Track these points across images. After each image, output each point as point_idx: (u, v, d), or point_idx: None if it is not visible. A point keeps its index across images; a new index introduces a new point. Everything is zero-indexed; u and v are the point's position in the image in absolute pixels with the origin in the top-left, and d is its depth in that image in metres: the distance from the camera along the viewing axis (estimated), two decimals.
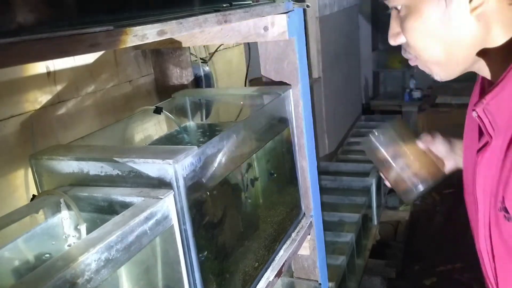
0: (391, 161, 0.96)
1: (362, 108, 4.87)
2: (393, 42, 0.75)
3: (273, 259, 1.05)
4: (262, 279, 0.99)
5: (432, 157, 0.96)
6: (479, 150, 0.72)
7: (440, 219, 3.30)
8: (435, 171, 0.95)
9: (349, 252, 2.34)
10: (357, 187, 2.92)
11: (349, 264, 2.33)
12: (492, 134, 0.68)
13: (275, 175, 1.14)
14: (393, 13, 0.75)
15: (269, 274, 1.01)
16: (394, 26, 0.74)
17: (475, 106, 0.69)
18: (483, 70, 0.72)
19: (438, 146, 0.96)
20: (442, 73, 0.73)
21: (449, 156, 0.97)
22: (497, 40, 0.67)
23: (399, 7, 0.72)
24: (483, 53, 0.69)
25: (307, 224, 1.22)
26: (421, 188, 0.95)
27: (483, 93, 0.73)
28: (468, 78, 0.85)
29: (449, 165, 0.98)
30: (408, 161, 0.95)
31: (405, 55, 0.76)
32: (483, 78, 0.77)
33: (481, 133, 0.74)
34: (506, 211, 0.65)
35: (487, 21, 0.65)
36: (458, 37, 0.67)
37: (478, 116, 0.69)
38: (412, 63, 0.76)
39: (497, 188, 0.67)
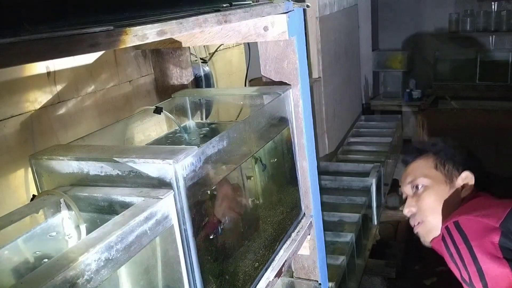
0: None
1: (362, 108, 4.87)
2: (407, 213, 1.28)
3: (273, 259, 1.05)
4: (262, 279, 0.99)
5: None
6: None
7: None
8: None
9: (349, 252, 2.34)
10: (357, 187, 2.91)
11: (349, 264, 2.32)
12: None
13: (275, 159, 1.14)
14: (410, 192, 1.29)
15: (269, 274, 1.01)
16: (411, 203, 1.27)
17: None
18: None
19: None
20: (429, 237, 1.24)
21: None
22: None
23: (420, 186, 1.25)
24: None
25: (307, 224, 1.22)
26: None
27: None
28: (468, 78, 0.85)
29: None
30: None
31: (407, 214, 1.30)
32: None
33: None
34: None
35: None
36: (452, 204, 1.20)
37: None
38: (416, 228, 1.27)
39: None
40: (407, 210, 1.25)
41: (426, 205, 1.22)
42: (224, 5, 1.00)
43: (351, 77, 4.47)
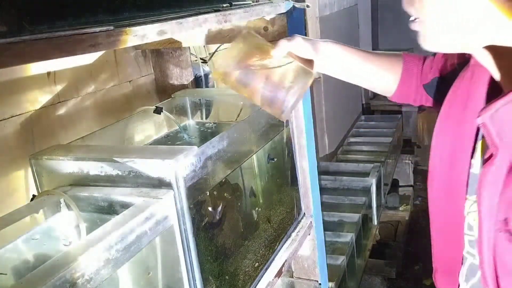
0: (251, 82, 0.82)
1: (362, 108, 4.87)
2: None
3: (273, 259, 1.05)
4: (262, 279, 0.99)
5: (296, 61, 0.85)
6: (485, 162, 0.64)
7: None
8: (301, 76, 0.83)
9: (349, 252, 2.34)
10: (357, 187, 2.91)
11: (349, 264, 2.32)
12: (498, 146, 0.60)
13: (275, 159, 1.13)
14: None
15: (269, 274, 1.01)
16: None
17: (482, 111, 0.60)
18: (490, 66, 0.65)
19: (299, 48, 0.86)
20: (430, 42, 0.64)
21: (313, 56, 0.88)
22: None
23: None
24: (495, 49, 0.61)
25: (307, 224, 1.22)
26: (291, 100, 0.82)
27: (489, 96, 0.67)
28: None
29: (318, 65, 0.90)
30: (267, 75, 0.82)
31: (407, 8, 0.67)
32: (488, 77, 0.69)
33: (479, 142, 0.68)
34: (510, 233, 0.60)
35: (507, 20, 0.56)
36: (472, 21, 0.59)
37: (484, 123, 0.61)
38: (412, 25, 0.66)
39: (498, 207, 0.61)
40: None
41: None
42: (224, 5, 1.00)
43: None
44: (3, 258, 0.70)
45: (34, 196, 0.80)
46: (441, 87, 0.85)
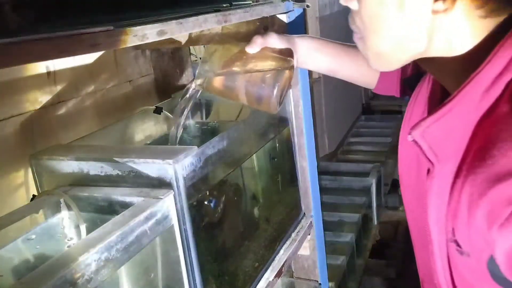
0: (235, 84, 0.84)
1: (362, 108, 4.87)
2: (343, 1, 0.66)
3: (273, 259, 1.05)
4: (262, 279, 0.99)
5: (272, 57, 0.85)
6: (428, 174, 0.63)
7: None
8: (280, 67, 0.84)
9: (349, 252, 2.34)
10: (357, 187, 2.91)
11: (349, 264, 2.32)
12: (434, 161, 0.60)
13: (275, 159, 1.14)
14: None
15: (269, 274, 1.01)
16: None
17: (412, 128, 0.60)
18: (436, 75, 0.66)
19: (274, 45, 0.87)
20: (378, 64, 0.67)
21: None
22: (456, 49, 0.59)
23: None
24: (437, 59, 0.62)
25: (307, 224, 1.22)
26: (275, 93, 0.83)
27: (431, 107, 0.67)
28: None
29: (298, 61, 0.92)
30: (249, 75, 0.83)
31: (351, 25, 0.67)
32: (435, 82, 0.69)
33: None
34: (457, 244, 0.59)
35: (448, 28, 0.58)
36: (408, 35, 0.59)
37: (414, 140, 0.60)
38: (355, 39, 0.67)
39: (446, 218, 0.60)
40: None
41: (366, 12, 0.62)
42: (224, 5, 1.00)
43: None
44: (3, 258, 0.70)
45: (34, 196, 0.80)
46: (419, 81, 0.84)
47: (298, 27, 1.14)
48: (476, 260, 0.57)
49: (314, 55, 0.95)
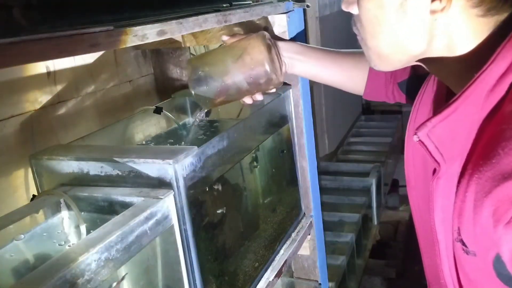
0: (236, 85, 0.88)
1: (362, 108, 4.87)
2: (344, 7, 0.69)
3: (273, 259, 1.05)
4: (262, 279, 0.99)
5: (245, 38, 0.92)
6: (433, 174, 0.64)
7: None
8: (258, 44, 0.89)
9: (349, 252, 2.34)
10: (357, 187, 2.91)
11: (349, 264, 2.32)
12: (440, 161, 0.60)
13: (284, 151, 1.14)
14: None
15: (269, 274, 1.01)
16: None
17: (418, 129, 0.60)
18: (439, 76, 0.67)
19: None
20: (381, 65, 0.69)
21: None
22: (457, 49, 0.60)
23: None
24: (439, 60, 0.62)
25: (307, 224, 1.22)
26: (269, 67, 0.88)
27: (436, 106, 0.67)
28: None
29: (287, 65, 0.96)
30: (239, 67, 0.88)
31: (353, 29, 0.70)
32: (440, 82, 0.70)
33: None
34: (463, 243, 0.59)
35: (447, 29, 0.59)
36: (408, 36, 0.61)
37: (420, 141, 0.60)
38: (359, 40, 0.70)
39: (452, 217, 0.60)
40: (343, 5, 0.70)
41: (364, 17, 0.65)
42: (224, 5, 1.00)
43: None
44: (3, 258, 0.70)
45: (34, 196, 0.80)
46: (416, 84, 0.83)
47: (298, 27, 1.14)
48: (482, 259, 0.57)
49: (297, 58, 0.97)
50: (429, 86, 0.75)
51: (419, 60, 0.66)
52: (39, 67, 0.96)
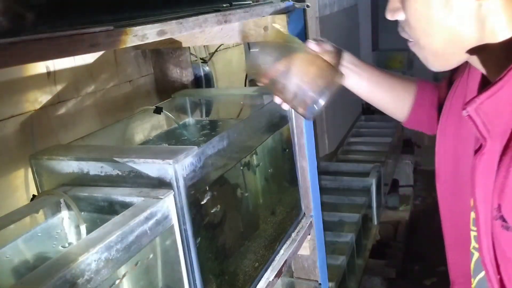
0: (281, 78, 0.83)
1: (362, 108, 4.87)
2: (390, 16, 0.71)
3: (273, 259, 1.05)
4: (262, 279, 0.99)
5: (324, 64, 0.84)
6: (476, 153, 0.65)
7: (440, 219, 3.30)
8: (330, 80, 0.83)
9: (349, 252, 2.33)
10: (357, 187, 2.91)
11: (349, 264, 2.32)
12: (486, 136, 0.62)
13: (287, 150, 1.14)
14: None
15: (269, 274, 1.01)
16: (394, 0, 0.70)
17: (467, 104, 0.62)
18: (478, 64, 0.68)
19: (325, 55, 0.87)
20: (437, 64, 0.70)
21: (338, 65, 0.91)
22: (499, 35, 0.62)
23: None
24: (482, 48, 0.65)
25: (307, 224, 1.22)
26: (321, 102, 0.82)
27: (479, 90, 0.69)
28: None
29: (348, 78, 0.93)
30: (300, 74, 0.82)
31: (402, 34, 0.71)
32: (480, 73, 0.72)
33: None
34: (503, 219, 0.60)
35: (491, 15, 0.61)
36: (458, 27, 0.63)
37: (469, 116, 0.62)
38: (410, 46, 0.72)
39: (492, 195, 0.62)
40: (388, 15, 0.71)
41: (413, 18, 0.67)
42: (224, 5, 1.00)
43: None
44: (3, 258, 0.70)
45: (34, 196, 0.80)
46: None
47: (298, 27, 1.14)
48: None
49: (354, 70, 0.94)
50: (463, 79, 0.77)
51: (468, 51, 0.66)
52: (39, 67, 0.96)
